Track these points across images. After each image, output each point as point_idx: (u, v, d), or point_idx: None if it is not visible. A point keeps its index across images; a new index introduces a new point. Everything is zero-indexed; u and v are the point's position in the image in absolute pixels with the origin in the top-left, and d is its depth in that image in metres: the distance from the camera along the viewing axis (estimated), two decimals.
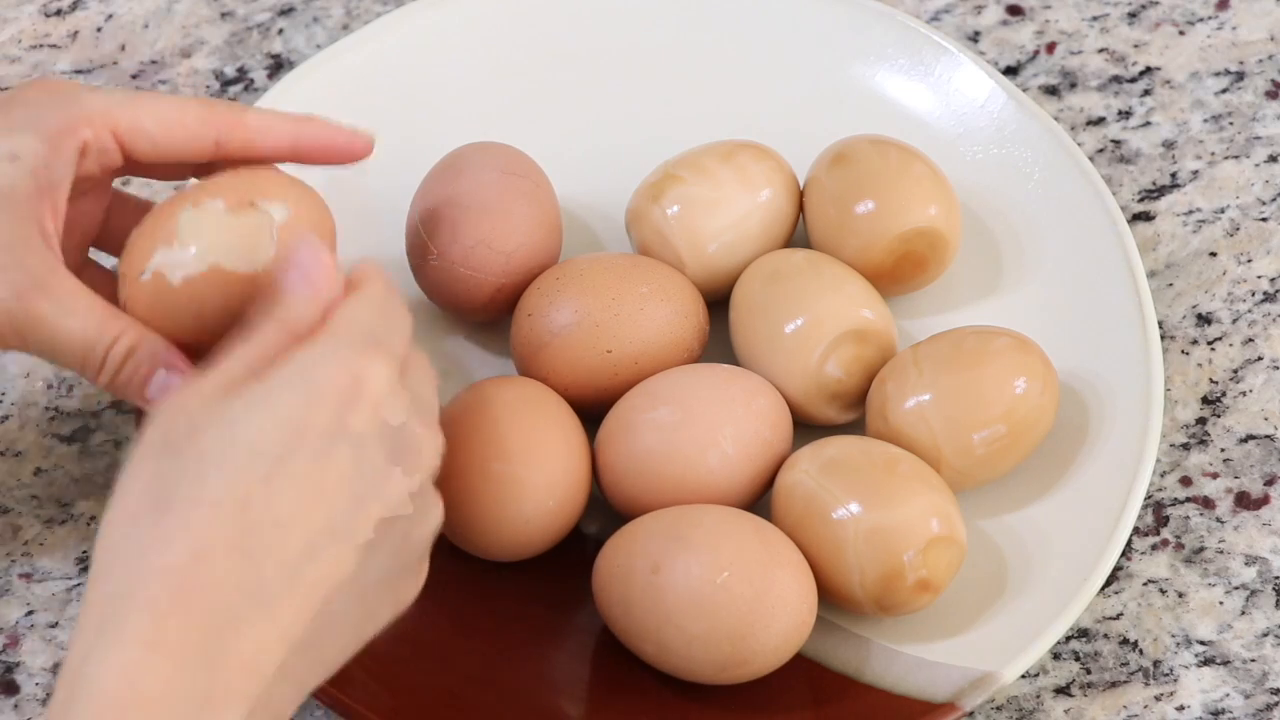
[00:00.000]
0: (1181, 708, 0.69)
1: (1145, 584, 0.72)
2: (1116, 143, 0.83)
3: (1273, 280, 0.79)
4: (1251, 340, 0.78)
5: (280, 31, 0.86)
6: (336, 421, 0.56)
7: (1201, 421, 0.76)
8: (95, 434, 0.75)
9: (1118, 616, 0.71)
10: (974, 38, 0.86)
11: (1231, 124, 0.83)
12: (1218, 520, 0.74)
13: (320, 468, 0.55)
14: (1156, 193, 0.82)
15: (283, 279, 0.59)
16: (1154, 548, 0.73)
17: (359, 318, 0.58)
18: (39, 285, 0.62)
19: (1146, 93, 0.84)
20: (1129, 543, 0.73)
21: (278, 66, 0.85)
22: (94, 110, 0.64)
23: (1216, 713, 0.69)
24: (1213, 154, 0.83)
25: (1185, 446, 0.75)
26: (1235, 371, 0.77)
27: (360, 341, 0.57)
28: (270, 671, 0.54)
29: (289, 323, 0.58)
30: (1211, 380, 0.77)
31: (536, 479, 0.68)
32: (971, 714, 0.69)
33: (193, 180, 0.68)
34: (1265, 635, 0.71)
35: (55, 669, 0.70)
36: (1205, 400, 0.76)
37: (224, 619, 0.53)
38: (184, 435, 0.55)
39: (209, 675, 0.53)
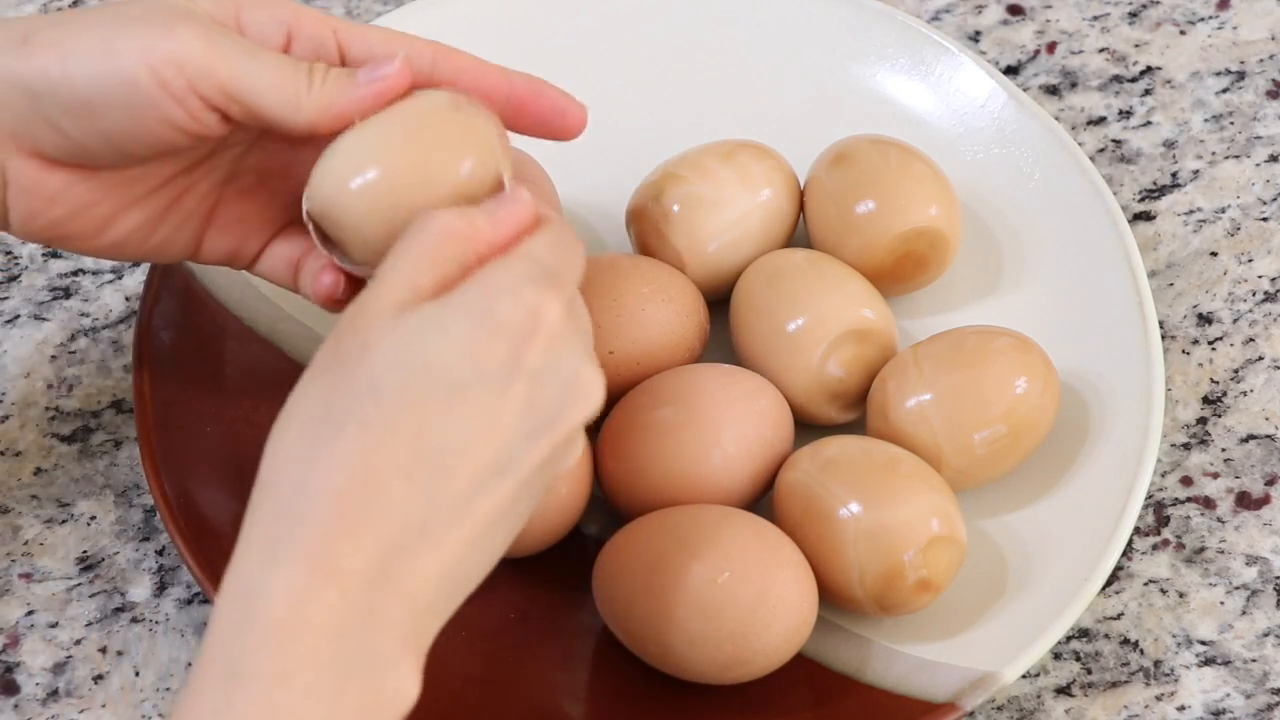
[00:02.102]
0: (1182, 708, 0.69)
1: (1146, 584, 0.72)
2: (1117, 142, 0.83)
3: (1273, 280, 0.79)
4: (1252, 340, 0.78)
5: None
6: (514, 357, 0.55)
7: (1202, 421, 0.76)
8: (95, 434, 0.75)
9: (1118, 616, 0.71)
10: (974, 37, 0.86)
11: (1232, 124, 0.83)
12: (1218, 520, 0.73)
13: (497, 402, 0.55)
14: (1157, 192, 0.82)
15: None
16: (1155, 548, 0.73)
17: (542, 252, 0.58)
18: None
19: (1147, 92, 0.84)
20: (1130, 543, 0.73)
21: None
22: (310, 11, 0.64)
23: (1217, 713, 0.69)
24: (1213, 154, 0.82)
25: (1186, 446, 0.75)
26: (1236, 371, 0.77)
27: (541, 277, 0.57)
28: (426, 603, 0.54)
29: (469, 236, 0.57)
30: (1212, 380, 0.77)
31: None
32: (972, 714, 0.69)
33: None
34: (1266, 635, 0.71)
35: (55, 669, 0.70)
36: (1206, 400, 0.76)
37: (392, 548, 0.53)
38: (356, 351, 0.54)
39: (371, 605, 0.52)
